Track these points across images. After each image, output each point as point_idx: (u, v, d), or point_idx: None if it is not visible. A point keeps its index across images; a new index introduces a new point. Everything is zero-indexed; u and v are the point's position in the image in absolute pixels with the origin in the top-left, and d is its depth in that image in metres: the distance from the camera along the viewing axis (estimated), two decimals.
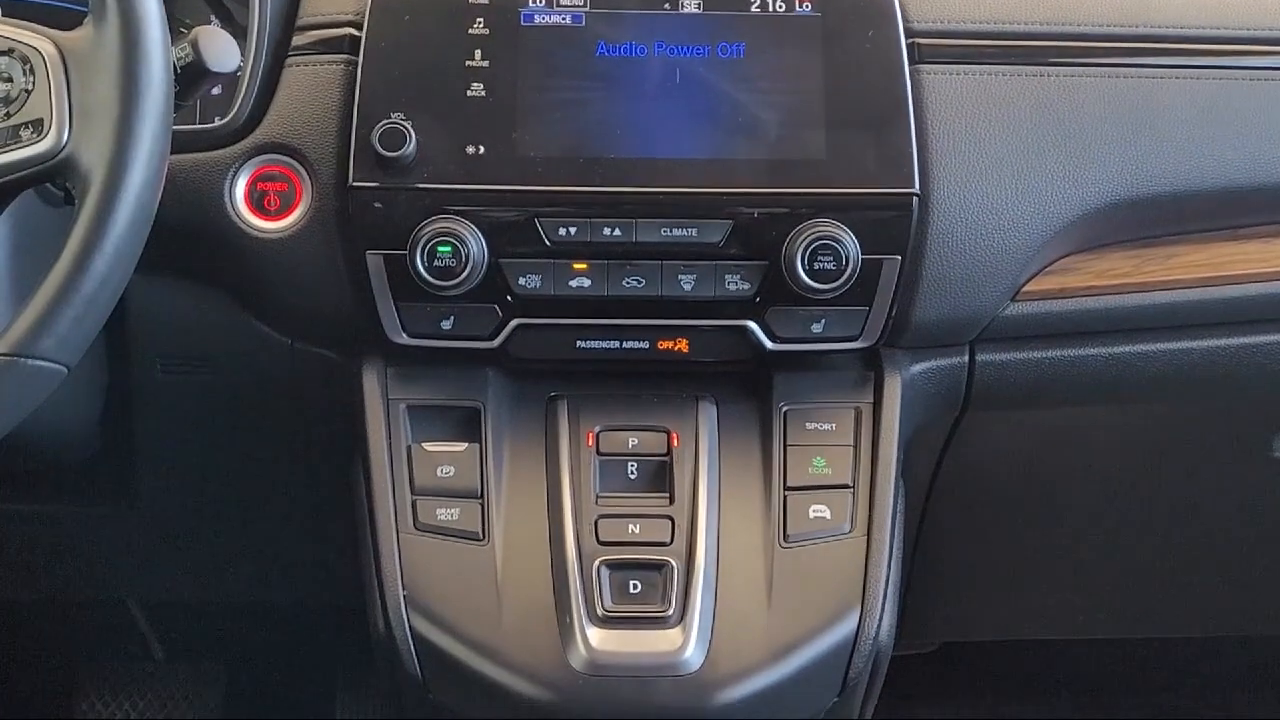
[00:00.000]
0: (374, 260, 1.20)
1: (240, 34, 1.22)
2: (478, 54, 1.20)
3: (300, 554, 1.59)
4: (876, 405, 1.27)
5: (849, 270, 1.18)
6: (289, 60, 1.24)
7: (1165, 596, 1.76)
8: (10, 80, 1.01)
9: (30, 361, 0.97)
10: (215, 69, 1.10)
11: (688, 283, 1.21)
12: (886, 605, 1.21)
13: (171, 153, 1.03)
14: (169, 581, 1.71)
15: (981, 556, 1.63)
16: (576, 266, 1.21)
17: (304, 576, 1.63)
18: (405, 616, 1.18)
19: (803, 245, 1.18)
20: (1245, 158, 1.29)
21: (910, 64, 1.23)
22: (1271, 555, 1.67)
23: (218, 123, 1.23)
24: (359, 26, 1.22)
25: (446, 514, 1.21)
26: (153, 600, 2.02)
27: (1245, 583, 1.73)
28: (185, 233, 1.21)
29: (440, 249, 1.17)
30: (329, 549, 1.50)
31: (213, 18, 1.31)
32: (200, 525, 1.57)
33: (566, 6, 1.22)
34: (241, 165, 1.22)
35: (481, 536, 1.20)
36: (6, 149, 1.00)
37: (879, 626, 1.20)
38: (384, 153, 1.17)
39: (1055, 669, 2.32)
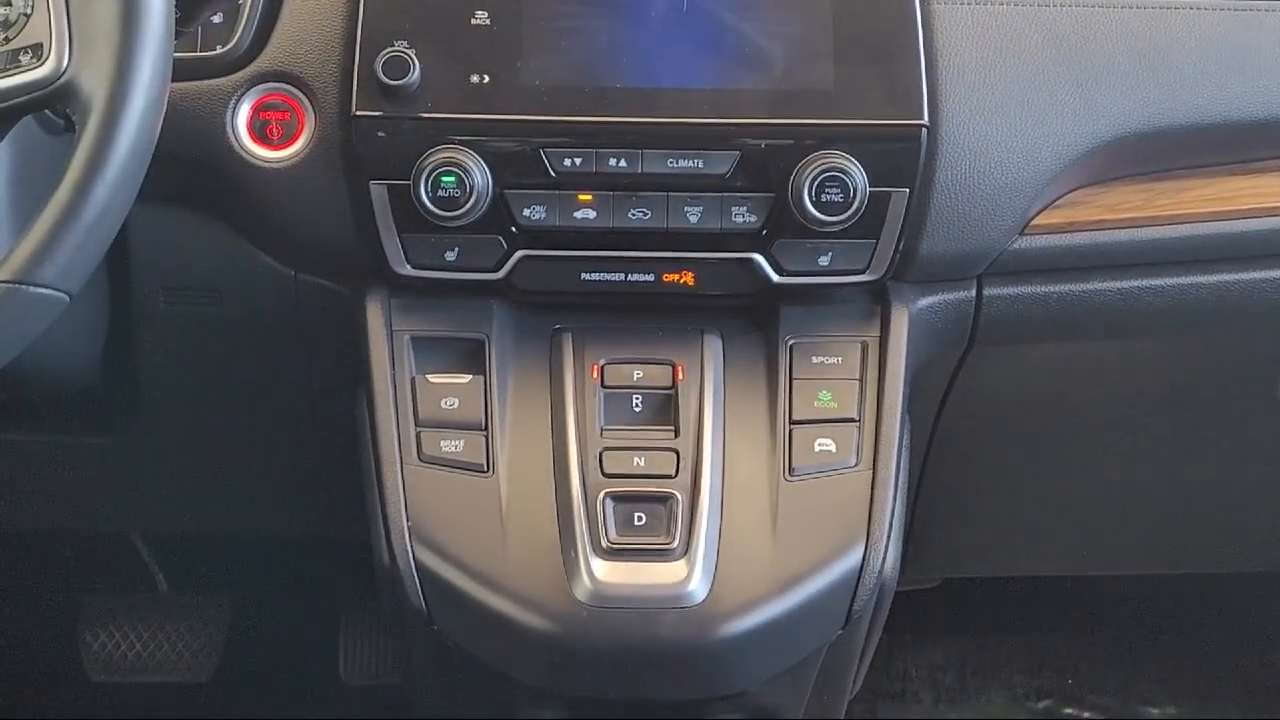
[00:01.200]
0: (378, 191, 1.19)
1: None
2: None
3: (304, 486, 1.59)
4: (883, 339, 1.26)
5: (856, 203, 1.17)
6: None
7: (1168, 533, 1.76)
8: (9, 4, 1.00)
9: (32, 289, 0.96)
10: None
11: (694, 215, 1.20)
12: (891, 539, 1.21)
13: (172, 81, 1.02)
14: (172, 513, 1.71)
15: (985, 492, 1.63)
16: (582, 198, 1.20)
17: (307, 509, 1.63)
18: (409, 548, 1.18)
19: (810, 177, 1.17)
20: (1256, 91, 1.27)
21: None
22: (1275, 493, 1.67)
23: (219, 51, 1.22)
24: None
25: (451, 446, 1.20)
26: (156, 532, 2.03)
27: (1248, 520, 1.73)
28: (187, 162, 1.20)
29: (444, 179, 1.16)
30: (332, 481, 1.49)
31: None
32: (203, 457, 1.56)
33: None
34: (243, 94, 1.21)
35: (486, 468, 1.20)
36: (5, 74, 0.99)
37: (884, 560, 1.20)
38: (387, 82, 1.16)
39: (1057, 606, 2.33)
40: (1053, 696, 2.30)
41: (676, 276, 1.24)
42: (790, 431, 1.22)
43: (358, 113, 1.18)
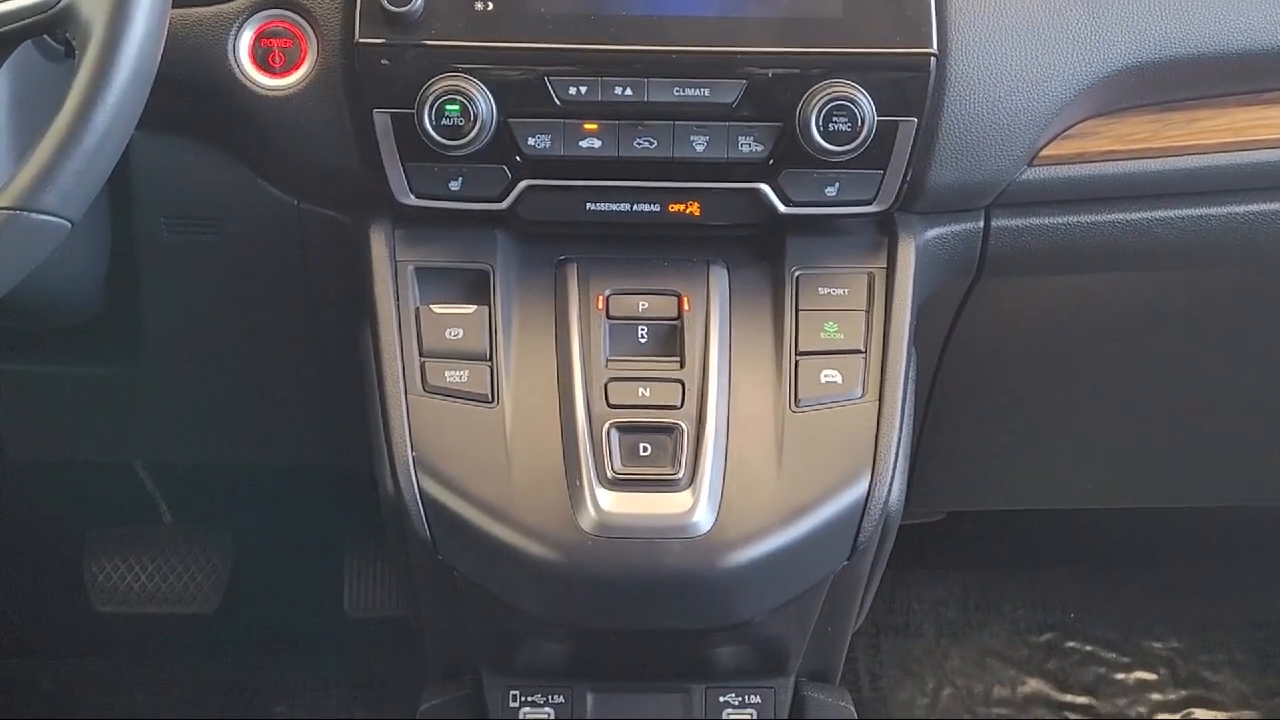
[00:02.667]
0: (381, 119, 1.18)
1: None
2: None
3: (308, 418, 1.59)
4: (890, 270, 1.25)
5: (864, 132, 1.16)
6: None
7: (1173, 467, 1.76)
8: None
9: (32, 216, 0.96)
10: None
11: (700, 144, 1.19)
12: (897, 470, 1.21)
13: (173, 6, 1.01)
14: (175, 444, 1.71)
15: (990, 426, 1.62)
16: (587, 127, 1.19)
17: (311, 440, 1.63)
18: (414, 478, 1.18)
19: (817, 106, 1.16)
20: (1268, 20, 1.26)
21: None
22: None
23: None
24: None
25: (455, 376, 1.20)
26: (160, 463, 2.03)
27: (1254, 454, 1.73)
28: (188, 89, 1.19)
29: (448, 108, 1.15)
30: (337, 413, 1.49)
31: None
32: (206, 388, 1.56)
33: None
34: (245, 21, 1.20)
35: (491, 399, 1.19)
36: None
37: (889, 491, 1.20)
38: (390, 9, 1.14)
39: (1060, 540, 2.34)
40: (1055, 630, 2.31)
41: (682, 207, 1.23)
42: (796, 363, 1.22)
43: (360, 40, 1.16)
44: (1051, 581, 2.36)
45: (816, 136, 1.16)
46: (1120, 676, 2.26)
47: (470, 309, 1.23)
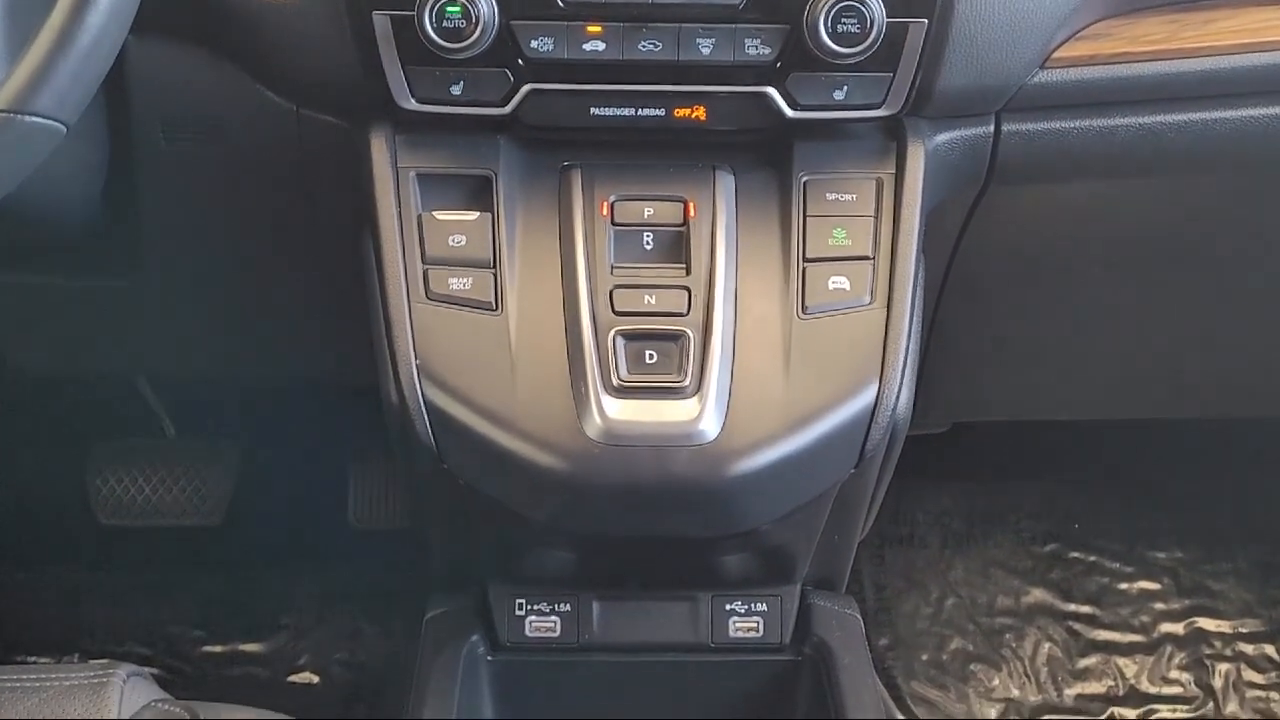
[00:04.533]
0: (380, 21, 1.15)
1: None
2: None
3: (310, 328, 1.58)
4: (899, 176, 1.23)
5: (873, 34, 1.14)
6: None
7: (1180, 378, 1.75)
8: None
9: (28, 119, 0.95)
10: None
11: (706, 47, 1.17)
12: (905, 378, 1.20)
13: None
14: (177, 357, 1.70)
15: (997, 335, 1.61)
16: (590, 29, 1.16)
17: (315, 351, 1.62)
18: (418, 386, 1.17)
19: (825, 7, 1.13)
20: None
21: None
22: None
23: None
24: None
25: (459, 283, 1.19)
26: (161, 376, 2.03)
27: (1262, 365, 1.72)
28: None
29: (449, 9, 1.13)
30: (339, 323, 1.48)
31: None
32: (207, 300, 1.55)
33: None
34: None
35: (495, 306, 1.18)
36: None
37: (897, 399, 1.19)
38: None
39: (1066, 451, 2.34)
40: (1059, 541, 2.31)
41: (688, 111, 1.21)
42: (804, 269, 1.20)
43: None
44: (1056, 492, 2.36)
45: (825, 38, 1.14)
46: (1124, 586, 2.27)
47: (473, 215, 1.21)
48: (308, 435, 2.18)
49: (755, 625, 1.42)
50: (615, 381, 1.14)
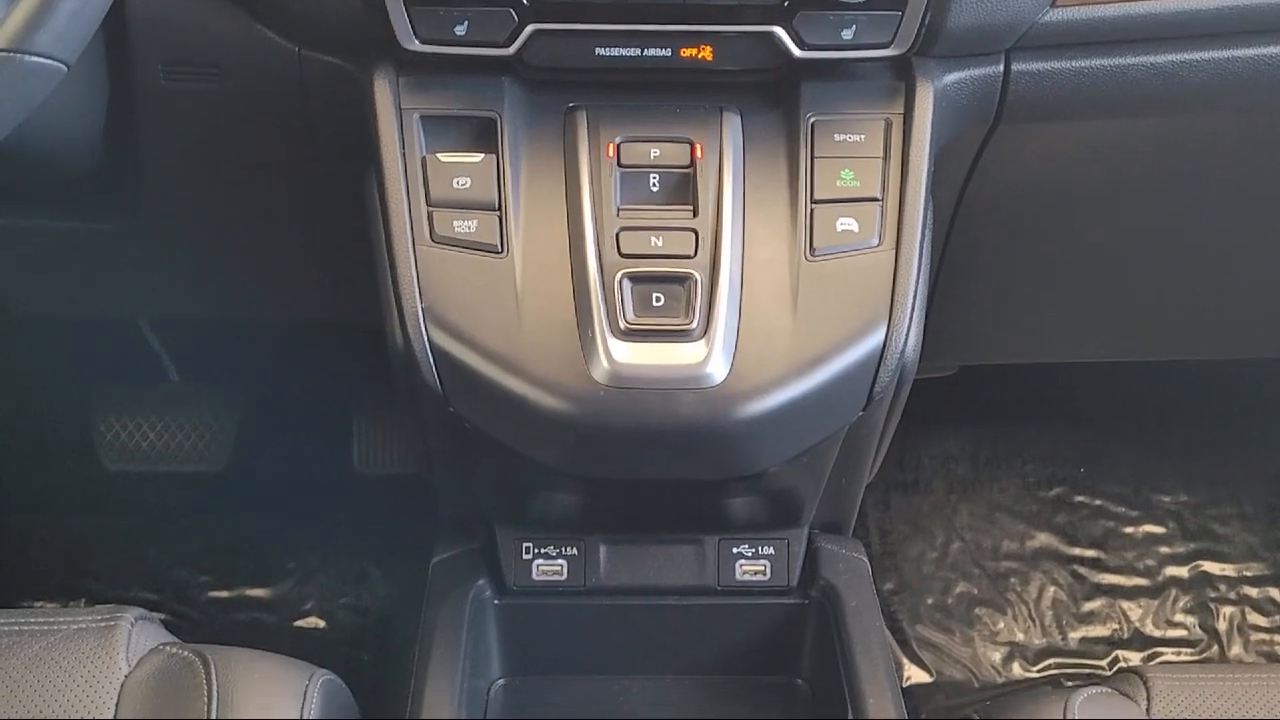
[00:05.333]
0: None
1: None
2: None
3: (314, 271, 1.57)
4: (907, 116, 1.22)
5: None
6: None
7: (1188, 320, 1.74)
8: None
9: (28, 58, 0.94)
10: None
11: None
12: (913, 320, 1.19)
13: None
14: (180, 300, 1.70)
15: (1005, 278, 1.60)
16: None
17: (318, 295, 1.61)
18: (424, 329, 1.16)
19: None
20: None
21: None
22: None
23: None
24: None
25: (464, 226, 1.18)
26: (165, 320, 2.02)
27: (1270, 306, 1.71)
28: None
29: None
30: (344, 266, 1.48)
31: None
32: (210, 243, 1.54)
33: None
34: None
35: (500, 249, 1.17)
36: None
37: (906, 341, 1.18)
38: None
39: (1072, 395, 2.33)
40: (1065, 485, 2.31)
41: (694, 51, 1.20)
42: (811, 211, 1.19)
43: None
44: (1061, 437, 2.36)
45: None
46: (1129, 530, 2.27)
47: (478, 158, 1.20)
48: (312, 380, 2.18)
49: (762, 568, 1.42)
50: (622, 324, 1.13)
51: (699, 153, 1.20)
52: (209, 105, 1.31)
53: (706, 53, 1.20)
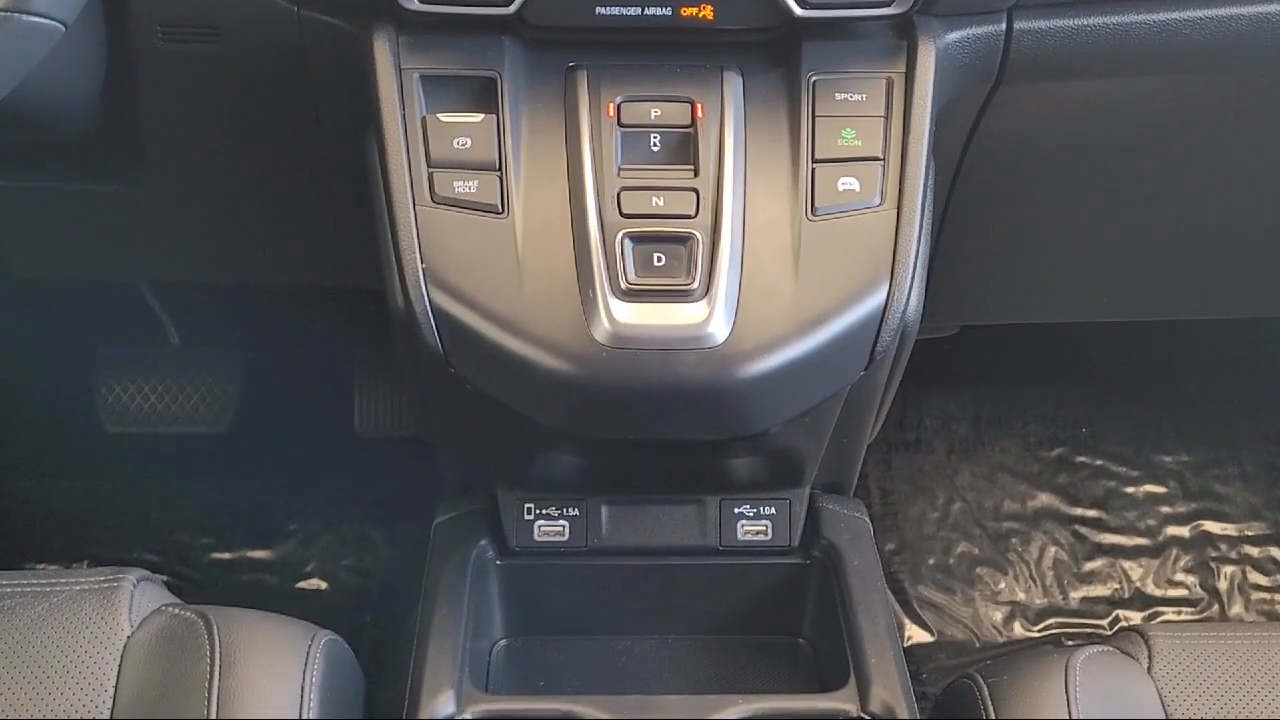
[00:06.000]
0: None
1: None
2: None
3: (314, 234, 1.56)
4: (909, 75, 1.21)
5: None
6: None
7: (1189, 279, 1.74)
8: None
9: (26, 18, 0.94)
10: None
11: None
12: (915, 279, 1.19)
13: None
14: (180, 263, 1.69)
15: (1007, 237, 1.60)
16: None
17: (319, 257, 1.61)
18: (424, 290, 1.16)
19: None
20: None
21: None
22: None
23: None
24: None
25: (464, 186, 1.17)
26: (164, 282, 2.02)
27: (1272, 265, 1.71)
28: None
29: None
30: (344, 228, 1.47)
31: None
32: (210, 205, 1.54)
33: None
34: None
35: (500, 209, 1.17)
36: None
37: (908, 300, 1.18)
38: None
39: (1074, 355, 2.33)
40: (1066, 445, 2.32)
41: (695, 10, 1.19)
42: (813, 170, 1.19)
43: None
44: (1063, 397, 2.36)
45: None
46: (1130, 490, 2.27)
47: (478, 118, 1.19)
48: (313, 342, 2.18)
49: (764, 528, 1.42)
50: (623, 285, 1.13)
51: (700, 112, 1.19)
52: (208, 67, 1.31)
53: (707, 11, 1.19)
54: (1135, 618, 2.13)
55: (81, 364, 2.20)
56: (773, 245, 1.16)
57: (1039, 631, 2.12)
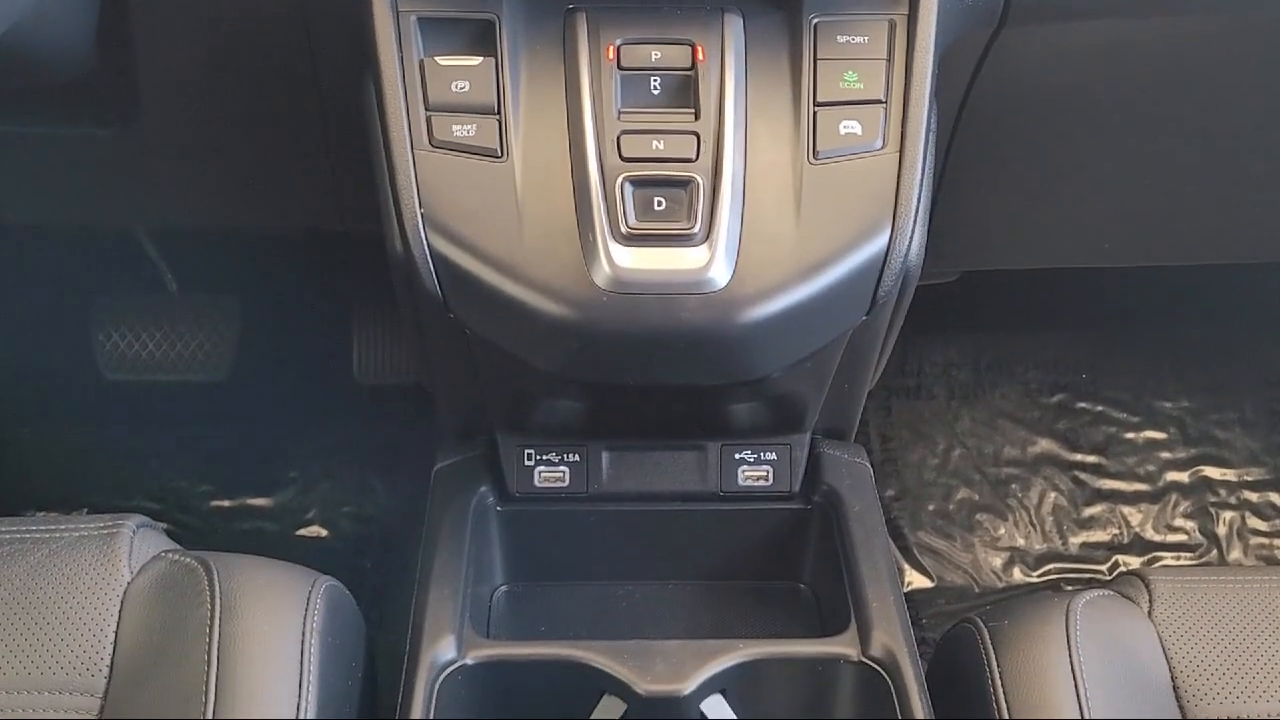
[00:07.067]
0: None
1: None
2: None
3: (312, 179, 1.55)
4: (911, 17, 1.20)
5: None
6: None
7: (1189, 224, 1.73)
8: None
9: None
10: None
11: None
12: (917, 224, 1.18)
13: None
14: (177, 209, 1.68)
15: (1009, 182, 1.59)
16: None
17: (316, 202, 1.60)
18: (423, 234, 1.15)
19: None
20: None
21: None
22: None
23: None
24: None
25: (462, 130, 1.16)
26: (160, 228, 2.01)
27: (1271, 210, 1.70)
28: None
29: None
30: (342, 173, 1.46)
31: None
32: (206, 149, 1.53)
33: None
34: None
35: (500, 153, 1.16)
36: None
37: (909, 244, 1.17)
38: None
39: (1075, 301, 2.33)
40: (1066, 390, 2.32)
41: None
42: (814, 113, 1.17)
43: None
44: (1063, 343, 2.35)
45: None
46: (1130, 436, 2.28)
47: (476, 60, 1.18)
48: (311, 289, 2.17)
49: (765, 474, 1.41)
50: (623, 229, 1.12)
51: (700, 55, 1.18)
52: (204, 8, 1.29)
53: None
54: (1134, 563, 2.14)
55: (79, 311, 2.19)
56: (774, 189, 1.15)
57: (1038, 577, 2.12)
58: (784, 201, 1.15)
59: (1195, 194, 1.65)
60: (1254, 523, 2.18)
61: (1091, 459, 2.25)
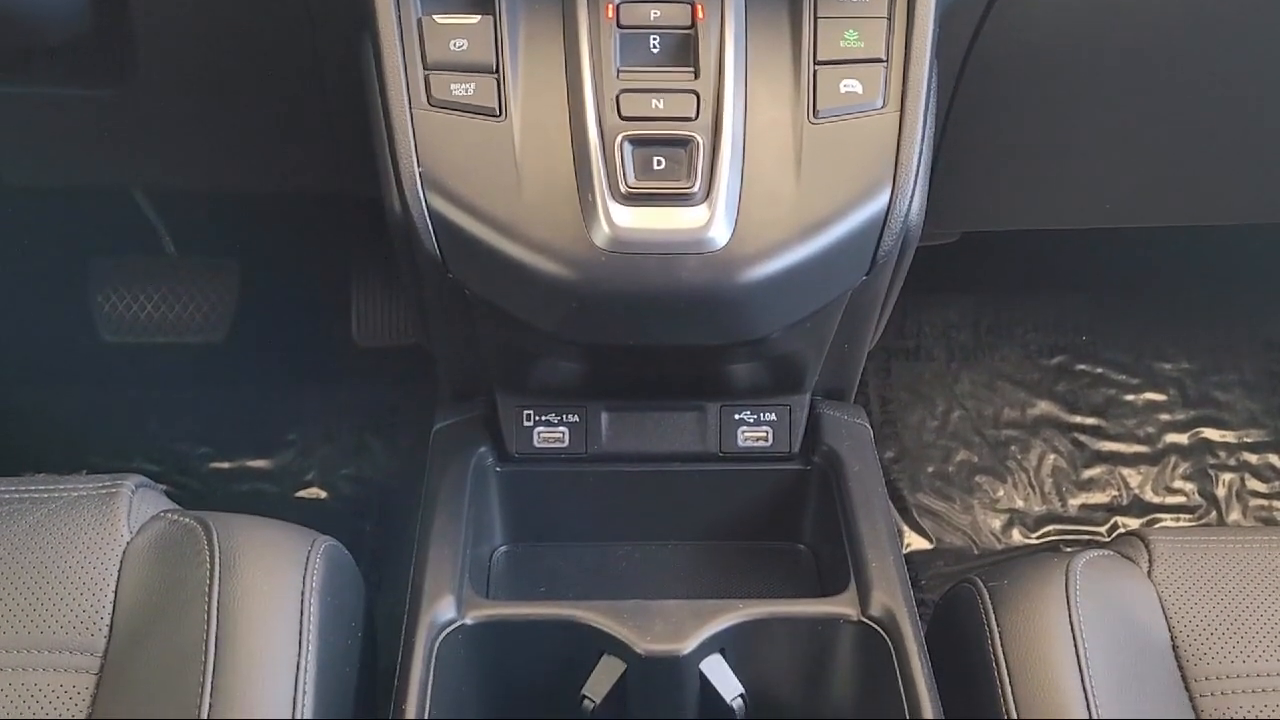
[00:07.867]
0: None
1: None
2: None
3: (309, 139, 1.54)
4: None
5: None
6: None
7: (1190, 185, 1.72)
8: None
9: None
10: None
11: None
12: (918, 183, 1.18)
13: None
14: (174, 170, 1.67)
15: (1008, 143, 1.58)
16: None
17: (314, 163, 1.59)
18: (421, 194, 1.15)
19: None
20: None
21: None
22: None
23: None
24: None
25: (461, 89, 1.15)
26: (158, 189, 2.00)
27: (1272, 172, 1.69)
28: None
29: None
30: (339, 132, 1.45)
31: None
32: (205, 109, 1.52)
33: None
34: None
35: (498, 112, 1.15)
36: None
37: (910, 204, 1.17)
38: None
39: (1075, 262, 2.32)
40: (1066, 352, 2.31)
41: None
42: (815, 72, 1.17)
43: None
44: (1063, 304, 2.35)
45: None
46: (1130, 398, 2.27)
47: (474, 19, 1.17)
48: (310, 250, 2.16)
49: (764, 434, 1.41)
50: (623, 188, 1.12)
51: (700, 13, 1.17)
52: None
53: None
54: (1133, 524, 2.14)
55: (78, 274, 2.19)
56: (774, 148, 1.15)
57: (1037, 538, 2.13)
58: (784, 161, 1.15)
59: (1198, 154, 1.65)
60: (1253, 484, 2.18)
61: (1091, 421, 2.24)
